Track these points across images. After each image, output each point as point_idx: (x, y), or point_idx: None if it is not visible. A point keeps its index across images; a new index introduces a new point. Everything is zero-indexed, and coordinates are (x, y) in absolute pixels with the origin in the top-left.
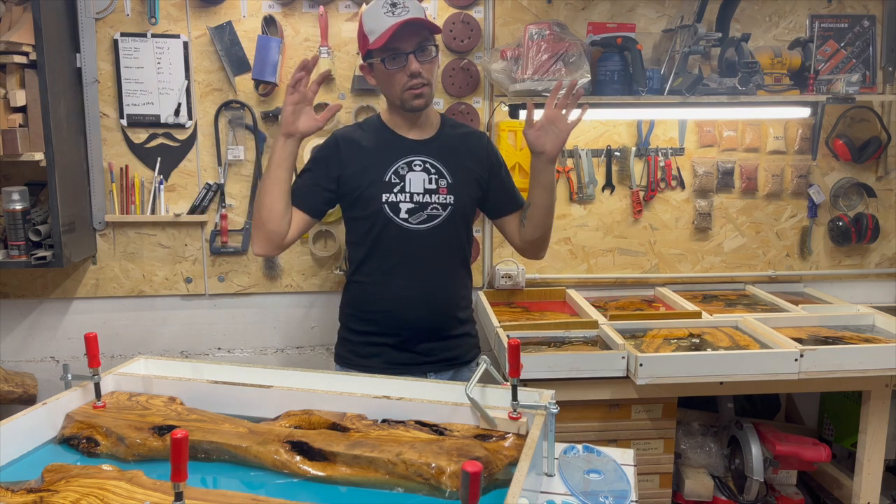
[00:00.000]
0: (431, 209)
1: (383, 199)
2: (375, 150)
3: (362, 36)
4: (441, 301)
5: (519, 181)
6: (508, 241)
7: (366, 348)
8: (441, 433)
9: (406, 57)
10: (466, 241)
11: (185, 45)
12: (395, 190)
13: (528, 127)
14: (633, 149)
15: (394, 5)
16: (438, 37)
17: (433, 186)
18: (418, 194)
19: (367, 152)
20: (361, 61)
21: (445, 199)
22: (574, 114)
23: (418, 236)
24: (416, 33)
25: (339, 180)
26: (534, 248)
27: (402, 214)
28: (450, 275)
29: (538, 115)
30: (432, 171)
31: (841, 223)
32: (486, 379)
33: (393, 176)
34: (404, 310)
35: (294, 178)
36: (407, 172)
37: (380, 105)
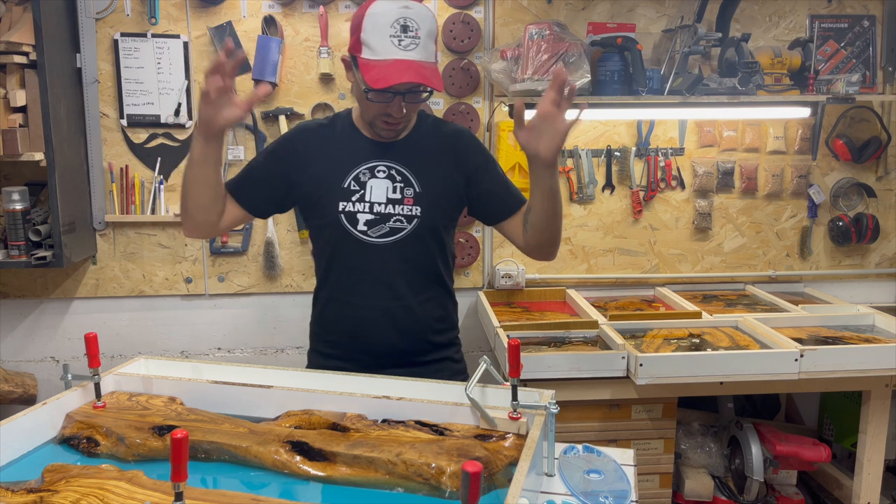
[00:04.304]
0: (394, 221)
1: (339, 209)
2: (336, 151)
3: (356, 28)
4: (408, 323)
5: (519, 182)
6: (513, 244)
7: None
8: (441, 433)
9: (394, 97)
10: (441, 258)
11: (185, 45)
12: (354, 198)
13: (519, 128)
14: (633, 149)
15: (405, 29)
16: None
17: (397, 196)
18: (379, 204)
19: (327, 153)
20: (346, 53)
21: (411, 210)
22: (573, 112)
23: (380, 251)
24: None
25: (291, 182)
26: (540, 251)
27: (360, 226)
28: (419, 294)
29: (530, 114)
30: (398, 178)
31: (841, 223)
32: (486, 379)
33: (353, 182)
34: (366, 332)
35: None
36: (369, 179)
37: None
